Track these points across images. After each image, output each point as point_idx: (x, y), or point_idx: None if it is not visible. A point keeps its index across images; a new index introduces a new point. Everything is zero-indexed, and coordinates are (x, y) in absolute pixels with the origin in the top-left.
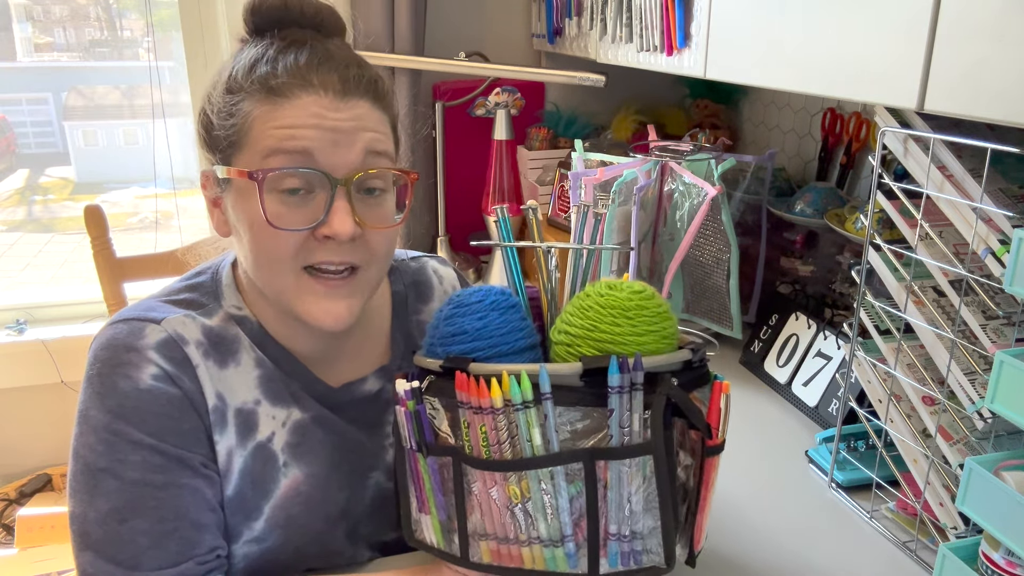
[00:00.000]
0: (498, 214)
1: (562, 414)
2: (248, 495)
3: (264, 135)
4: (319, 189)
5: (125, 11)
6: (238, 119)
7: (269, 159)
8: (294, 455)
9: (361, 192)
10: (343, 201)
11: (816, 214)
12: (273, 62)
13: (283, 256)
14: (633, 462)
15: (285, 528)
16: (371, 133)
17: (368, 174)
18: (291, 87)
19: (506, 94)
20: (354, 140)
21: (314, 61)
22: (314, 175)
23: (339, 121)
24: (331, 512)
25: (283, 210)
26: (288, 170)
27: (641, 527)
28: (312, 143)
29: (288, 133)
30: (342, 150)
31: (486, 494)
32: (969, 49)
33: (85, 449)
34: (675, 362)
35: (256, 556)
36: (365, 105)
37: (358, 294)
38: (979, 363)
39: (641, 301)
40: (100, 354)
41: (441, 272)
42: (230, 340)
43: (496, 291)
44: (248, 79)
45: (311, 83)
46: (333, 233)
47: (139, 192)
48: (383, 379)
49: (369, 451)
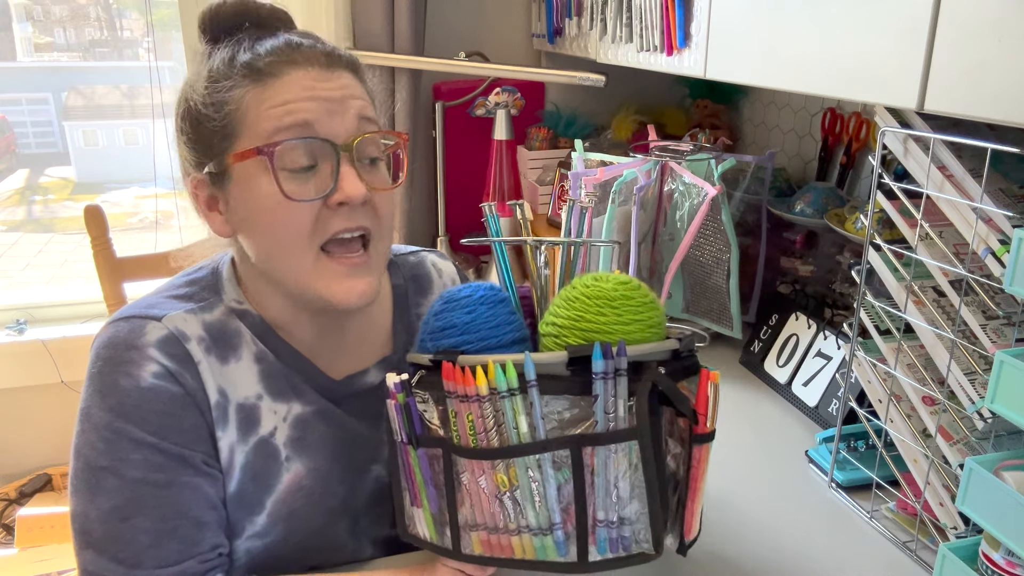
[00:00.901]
0: (486, 211)
1: (549, 403)
2: (250, 490)
3: (261, 117)
4: (322, 160)
5: (125, 11)
6: (232, 105)
7: (272, 138)
8: (296, 449)
9: (361, 159)
10: (349, 166)
11: (816, 214)
12: (252, 49)
13: (301, 233)
14: (619, 447)
15: (287, 522)
16: (359, 100)
17: (366, 138)
18: (278, 65)
19: (506, 94)
20: (347, 107)
21: (292, 42)
22: (318, 144)
23: (330, 91)
24: (332, 505)
25: (293, 186)
26: (295, 141)
27: (629, 513)
28: (310, 114)
29: (285, 109)
30: (338, 118)
31: (475, 483)
32: (969, 49)
33: (86, 448)
34: (661, 351)
35: (259, 551)
36: (348, 75)
37: (375, 270)
38: (979, 363)
39: (626, 291)
40: (101, 352)
41: (440, 265)
42: (231, 334)
43: (485, 286)
44: (232, 68)
45: (296, 60)
46: (346, 197)
47: (139, 192)
48: (385, 371)
49: (370, 444)
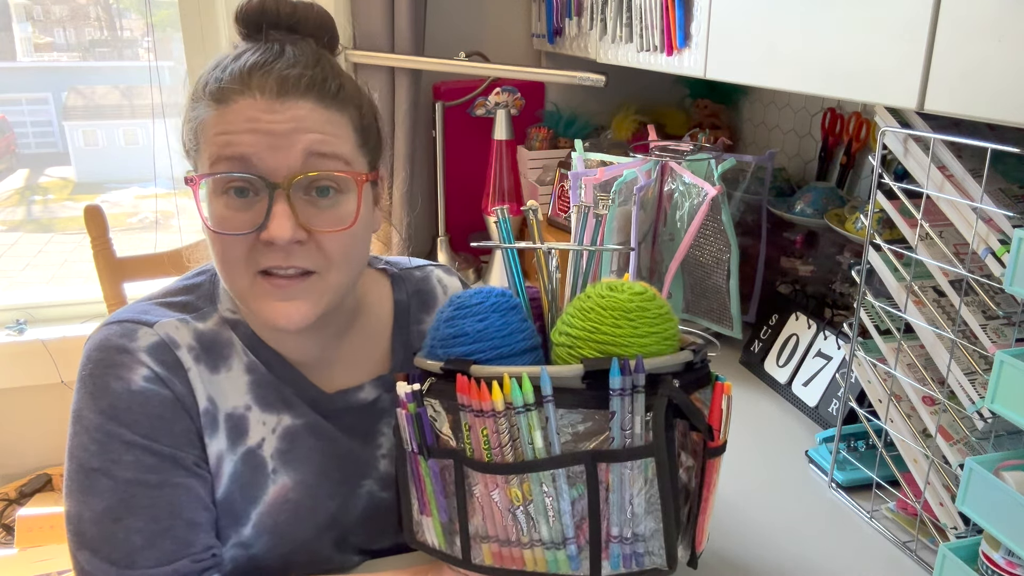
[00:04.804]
0: (498, 215)
1: (563, 416)
2: (237, 500)
3: (209, 142)
4: (260, 194)
5: (125, 11)
6: (195, 125)
7: (214, 166)
8: (284, 462)
9: (311, 194)
10: (282, 204)
11: (816, 214)
12: (224, 68)
13: (235, 259)
14: (635, 464)
15: (272, 535)
16: (312, 135)
17: (308, 176)
18: (231, 92)
19: (506, 94)
20: (292, 142)
21: (259, 63)
22: (251, 179)
23: (274, 124)
24: (320, 521)
25: (228, 214)
26: (222, 175)
27: (643, 529)
28: (247, 148)
29: (226, 139)
30: (280, 153)
31: (488, 496)
32: (969, 49)
33: (79, 449)
34: (676, 363)
35: (243, 561)
36: (306, 106)
37: (314, 297)
38: (979, 363)
39: (642, 303)
40: (93, 355)
41: (446, 282)
42: (222, 345)
43: (497, 292)
44: (204, 87)
45: (249, 87)
46: (271, 238)
47: (139, 192)
48: (380, 388)
49: (362, 460)
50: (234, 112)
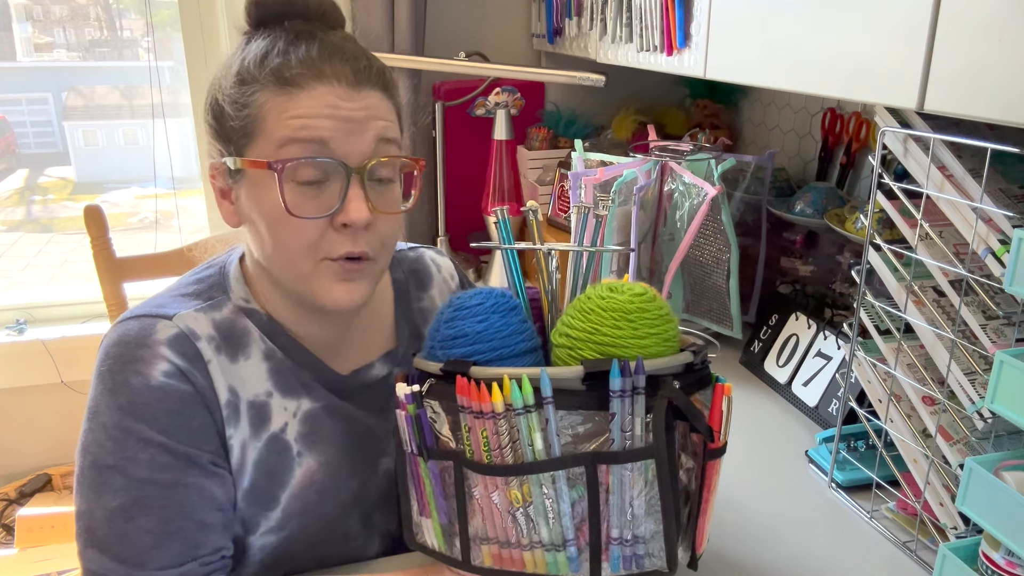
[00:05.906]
0: (498, 215)
1: (563, 418)
2: (264, 486)
3: (279, 125)
4: (333, 178)
5: (125, 11)
6: (252, 109)
7: (284, 149)
8: (307, 444)
9: (372, 181)
10: (358, 188)
11: (816, 214)
12: (285, 54)
13: (301, 246)
14: (635, 466)
15: (301, 516)
16: (382, 122)
17: (380, 162)
18: (305, 78)
19: (506, 94)
20: (366, 129)
21: (325, 53)
22: (330, 164)
23: (352, 111)
24: (344, 499)
25: (300, 200)
26: (306, 159)
27: (643, 531)
28: (327, 132)
29: (303, 123)
30: (355, 139)
31: (487, 498)
32: (968, 49)
33: (94, 446)
34: (677, 365)
35: (273, 546)
36: (376, 95)
37: (370, 280)
38: (979, 363)
39: (643, 304)
40: (111, 351)
41: (439, 261)
42: (240, 333)
43: (496, 293)
44: (261, 70)
45: (324, 74)
46: (350, 220)
47: (139, 192)
48: (389, 364)
49: (378, 436)
50: (312, 97)
